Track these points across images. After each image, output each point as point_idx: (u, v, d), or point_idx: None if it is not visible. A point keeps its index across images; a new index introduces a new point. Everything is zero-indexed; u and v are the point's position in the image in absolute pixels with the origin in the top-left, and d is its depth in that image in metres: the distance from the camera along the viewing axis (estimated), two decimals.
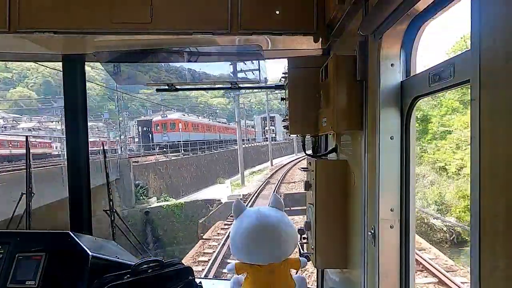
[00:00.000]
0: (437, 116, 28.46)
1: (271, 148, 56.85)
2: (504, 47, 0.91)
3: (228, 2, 2.57)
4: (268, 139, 77.62)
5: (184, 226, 28.23)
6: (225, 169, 52.57)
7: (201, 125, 56.79)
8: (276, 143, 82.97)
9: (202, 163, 45.86)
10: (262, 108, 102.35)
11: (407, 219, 1.87)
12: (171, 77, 3.64)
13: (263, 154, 65.85)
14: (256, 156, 65.19)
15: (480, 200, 0.99)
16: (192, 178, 41.95)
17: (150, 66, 3.59)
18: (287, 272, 2.78)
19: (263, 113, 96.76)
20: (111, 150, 42.73)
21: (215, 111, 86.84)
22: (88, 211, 3.28)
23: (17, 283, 2.51)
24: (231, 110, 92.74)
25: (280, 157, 73.00)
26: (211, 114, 77.50)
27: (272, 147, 64.13)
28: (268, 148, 61.56)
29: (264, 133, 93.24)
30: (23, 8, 2.52)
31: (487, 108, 0.98)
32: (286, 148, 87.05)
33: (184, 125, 49.35)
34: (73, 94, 3.20)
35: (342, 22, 2.32)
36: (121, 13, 2.55)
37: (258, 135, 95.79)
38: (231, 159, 54.46)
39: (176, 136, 46.94)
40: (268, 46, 2.92)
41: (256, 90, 19.90)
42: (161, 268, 2.53)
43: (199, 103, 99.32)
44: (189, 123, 51.60)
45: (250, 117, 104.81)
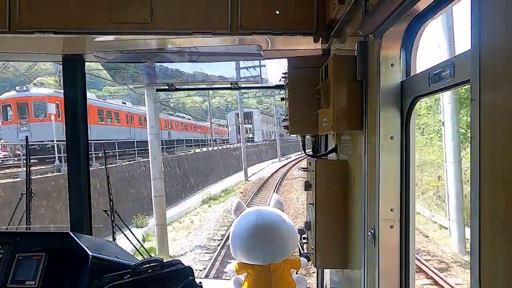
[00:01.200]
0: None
1: (245, 154, 39.60)
2: (504, 47, 0.91)
3: (228, 2, 2.57)
4: (246, 139, 61.92)
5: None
6: (174, 190, 29.11)
7: (126, 115, 33.23)
8: (254, 145, 68.73)
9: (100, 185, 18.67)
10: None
11: (407, 219, 1.87)
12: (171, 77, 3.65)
13: (236, 160, 49.59)
14: (225, 163, 48.24)
15: (480, 200, 0.99)
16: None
17: (150, 66, 3.59)
18: (287, 272, 2.78)
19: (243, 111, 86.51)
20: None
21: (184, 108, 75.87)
22: (88, 211, 3.27)
23: (17, 283, 2.51)
24: (206, 109, 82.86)
25: (260, 163, 58.46)
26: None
27: (249, 150, 51.68)
28: (249, 151, 50.57)
29: (238, 132, 79.10)
30: (23, 8, 2.52)
31: (487, 108, 0.97)
32: (266, 152, 71.32)
33: (97, 112, 27.45)
34: (73, 94, 3.20)
35: (342, 22, 2.32)
36: (121, 13, 2.55)
37: (232, 135, 77.44)
38: (193, 169, 36.32)
39: (46, 129, 22.72)
40: (268, 46, 2.92)
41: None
42: (161, 268, 2.53)
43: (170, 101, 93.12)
44: (108, 111, 29.78)
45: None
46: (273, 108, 71.61)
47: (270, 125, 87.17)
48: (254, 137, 78.23)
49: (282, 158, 62.15)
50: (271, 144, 76.95)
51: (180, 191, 30.78)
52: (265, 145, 75.88)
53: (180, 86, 3.64)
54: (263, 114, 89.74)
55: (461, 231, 13.20)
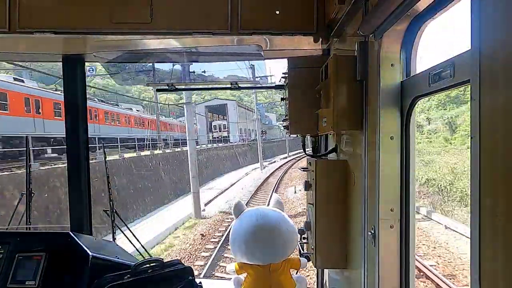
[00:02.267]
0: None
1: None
2: (504, 47, 0.91)
3: (228, 2, 2.57)
4: (219, 139, 55.04)
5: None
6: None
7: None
8: (229, 146, 54.22)
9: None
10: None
11: (407, 219, 1.87)
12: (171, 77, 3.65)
13: (204, 166, 37.49)
14: (185, 172, 26.98)
15: (480, 200, 0.99)
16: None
17: (150, 66, 3.59)
18: (287, 272, 2.78)
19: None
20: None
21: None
22: (88, 211, 3.28)
23: (17, 283, 2.51)
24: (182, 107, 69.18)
25: (236, 170, 45.23)
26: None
27: (221, 153, 43.85)
28: (214, 155, 40.17)
29: (209, 130, 66.03)
30: (23, 8, 2.52)
31: (487, 108, 0.97)
32: (244, 155, 57.06)
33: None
34: (73, 94, 3.20)
35: (342, 22, 2.32)
36: (121, 13, 2.55)
37: (201, 132, 62.38)
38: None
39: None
40: (268, 46, 2.92)
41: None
42: (161, 268, 2.53)
43: (142, 98, 77.77)
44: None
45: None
46: (253, 100, 56.63)
47: (250, 121, 69.60)
48: (229, 136, 64.39)
49: (265, 162, 48.88)
50: (251, 145, 62.11)
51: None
52: (243, 146, 60.45)
53: (180, 86, 3.64)
54: (241, 108, 75.76)
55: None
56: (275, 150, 73.03)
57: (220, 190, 29.94)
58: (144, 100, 69.29)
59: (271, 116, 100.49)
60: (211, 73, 3.60)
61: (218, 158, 45.29)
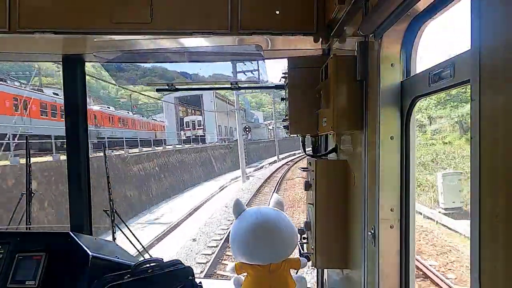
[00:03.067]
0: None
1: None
2: (504, 47, 0.91)
3: (228, 2, 2.57)
4: (193, 138, 43.46)
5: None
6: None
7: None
8: (204, 147, 42.61)
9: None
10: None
11: (407, 219, 1.87)
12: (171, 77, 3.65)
13: (158, 179, 27.59)
14: (142, 187, 24.18)
15: (480, 200, 0.99)
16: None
17: (150, 66, 3.59)
18: (287, 272, 2.78)
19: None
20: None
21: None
22: (88, 211, 3.28)
23: (17, 283, 2.51)
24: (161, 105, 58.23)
25: (210, 180, 35.07)
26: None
27: (189, 158, 33.45)
28: (180, 160, 29.63)
29: (181, 128, 52.45)
30: (23, 8, 2.52)
31: (487, 108, 0.97)
32: (222, 159, 45.52)
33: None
34: (73, 94, 3.20)
35: (342, 22, 2.32)
36: (121, 13, 2.55)
37: (171, 129, 52.13)
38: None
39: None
40: (268, 46, 2.92)
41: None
42: (161, 268, 2.53)
43: (120, 96, 74.58)
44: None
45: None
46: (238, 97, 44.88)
47: (232, 119, 54.70)
48: (206, 135, 51.72)
49: (250, 168, 38.78)
50: (232, 146, 49.09)
51: None
52: (222, 148, 48.57)
53: (180, 86, 3.64)
54: (220, 101, 59.23)
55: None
56: (262, 152, 62.90)
57: (166, 227, 17.27)
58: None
59: (258, 114, 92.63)
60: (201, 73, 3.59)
61: (185, 165, 33.26)
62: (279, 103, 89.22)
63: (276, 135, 62.88)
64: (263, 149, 65.39)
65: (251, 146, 57.62)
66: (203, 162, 38.69)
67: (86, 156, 3.27)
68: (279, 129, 68.30)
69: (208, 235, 14.76)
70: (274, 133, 56.84)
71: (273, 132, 62.74)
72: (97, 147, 24.45)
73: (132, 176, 24.44)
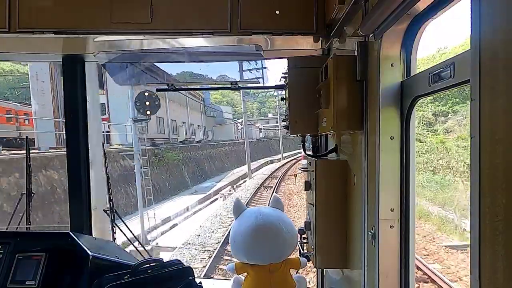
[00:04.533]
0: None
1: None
2: (504, 47, 0.91)
3: (228, 2, 2.57)
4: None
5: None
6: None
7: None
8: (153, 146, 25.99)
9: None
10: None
11: (407, 219, 1.87)
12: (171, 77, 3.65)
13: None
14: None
15: (480, 200, 0.99)
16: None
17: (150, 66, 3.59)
18: (287, 272, 2.78)
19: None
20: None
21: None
22: (88, 211, 3.28)
23: (17, 283, 2.51)
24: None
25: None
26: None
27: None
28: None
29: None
30: (23, 8, 2.52)
31: (487, 108, 0.97)
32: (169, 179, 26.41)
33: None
34: (73, 94, 3.20)
35: (342, 22, 2.32)
36: (121, 13, 2.55)
37: (45, 123, 23.53)
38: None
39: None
40: (268, 46, 2.92)
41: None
42: (161, 268, 2.53)
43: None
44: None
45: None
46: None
47: (196, 113, 46.13)
48: (112, 133, 28.82)
49: (197, 194, 25.39)
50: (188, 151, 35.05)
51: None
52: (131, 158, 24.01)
53: (180, 86, 3.64)
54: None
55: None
56: (227, 160, 45.61)
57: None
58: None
59: (225, 108, 66.32)
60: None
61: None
62: (251, 102, 75.75)
63: (247, 134, 39.24)
64: (230, 156, 47.65)
65: (210, 152, 40.00)
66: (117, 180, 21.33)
67: (86, 156, 3.27)
68: (251, 127, 63.21)
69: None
70: (245, 132, 36.59)
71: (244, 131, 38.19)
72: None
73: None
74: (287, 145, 67.88)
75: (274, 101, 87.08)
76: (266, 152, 63.36)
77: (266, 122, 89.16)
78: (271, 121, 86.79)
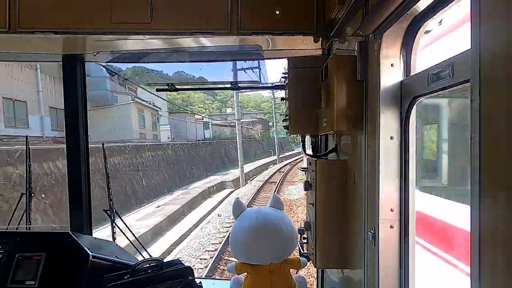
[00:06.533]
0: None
1: None
2: (504, 47, 0.91)
3: (228, 2, 2.58)
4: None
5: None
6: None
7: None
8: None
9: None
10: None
11: (407, 219, 1.87)
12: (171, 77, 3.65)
13: None
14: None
15: (480, 200, 0.99)
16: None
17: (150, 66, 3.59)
18: (287, 272, 2.78)
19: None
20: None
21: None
22: (88, 211, 3.28)
23: (17, 283, 2.51)
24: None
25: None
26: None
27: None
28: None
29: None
30: (23, 8, 2.53)
31: (487, 108, 0.97)
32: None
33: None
34: (73, 94, 3.21)
35: (342, 22, 2.32)
36: (121, 13, 2.55)
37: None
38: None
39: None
40: (268, 46, 2.92)
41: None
42: (161, 268, 2.54)
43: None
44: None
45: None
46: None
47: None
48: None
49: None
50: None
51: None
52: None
53: (180, 86, 3.64)
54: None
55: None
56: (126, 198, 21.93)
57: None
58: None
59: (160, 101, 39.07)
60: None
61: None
62: (211, 101, 68.47)
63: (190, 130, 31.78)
64: (201, 162, 33.71)
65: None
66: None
67: (86, 156, 3.27)
68: (185, 119, 39.63)
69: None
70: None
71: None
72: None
73: None
74: (252, 151, 47.78)
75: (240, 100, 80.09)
76: (215, 165, 37.58)
77: (224, 119, 72.25)
78: (229, 117, 68.32)
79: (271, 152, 61.36)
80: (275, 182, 28.06)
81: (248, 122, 71.07)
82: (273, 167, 42.07)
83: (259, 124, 77.99)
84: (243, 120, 62.81)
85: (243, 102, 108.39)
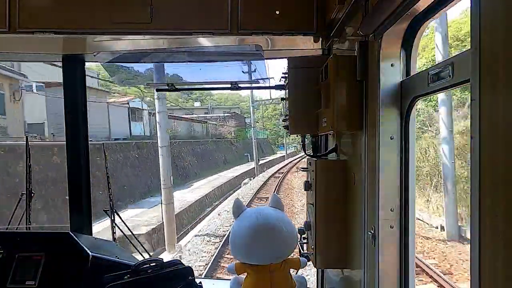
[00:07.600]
0: None
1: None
2: (504, 47, 0.91)
3: (228, 2, 2.58)
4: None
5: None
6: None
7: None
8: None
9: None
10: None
11: (407, 219, 1.87)
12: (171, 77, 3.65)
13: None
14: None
15: (480, 200, 0.99)
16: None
17: (150, 66, 3.59)
18: (287, 272, 2.78)
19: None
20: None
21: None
22: (88, 211, 3.28)
23: (17, 283, 2.51)
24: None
25: None
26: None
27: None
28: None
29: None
30: (23, 8, 2.52)
31: (487, 108, 0.97)
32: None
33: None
34: (73, 94, 3.21)
35: (342, 22, 2.32)
36: (121, 13, 2.55)
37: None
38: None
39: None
40: (268, 46, 2.92)
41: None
42: (161, 268, 2.53)
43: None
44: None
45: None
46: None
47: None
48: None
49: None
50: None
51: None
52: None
53: (180, 86, 3.64)
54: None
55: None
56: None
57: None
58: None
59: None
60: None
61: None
62: (175, 95, 47.96)
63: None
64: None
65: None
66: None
67: (86, 156, 3.27)
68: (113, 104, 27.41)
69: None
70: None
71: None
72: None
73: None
74: (221, 157, 36.06)
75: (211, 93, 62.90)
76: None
77: (190, 113, 56.56)
78: (197, 111, 59.07)
79: (248, 157, 49.10)
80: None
81: (217, 117, 56.25)
82: (250, 184, 28.46)
83: (233, 119, 58.42)
84: (213, 115, 58.13)
85: (219, 100, 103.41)
